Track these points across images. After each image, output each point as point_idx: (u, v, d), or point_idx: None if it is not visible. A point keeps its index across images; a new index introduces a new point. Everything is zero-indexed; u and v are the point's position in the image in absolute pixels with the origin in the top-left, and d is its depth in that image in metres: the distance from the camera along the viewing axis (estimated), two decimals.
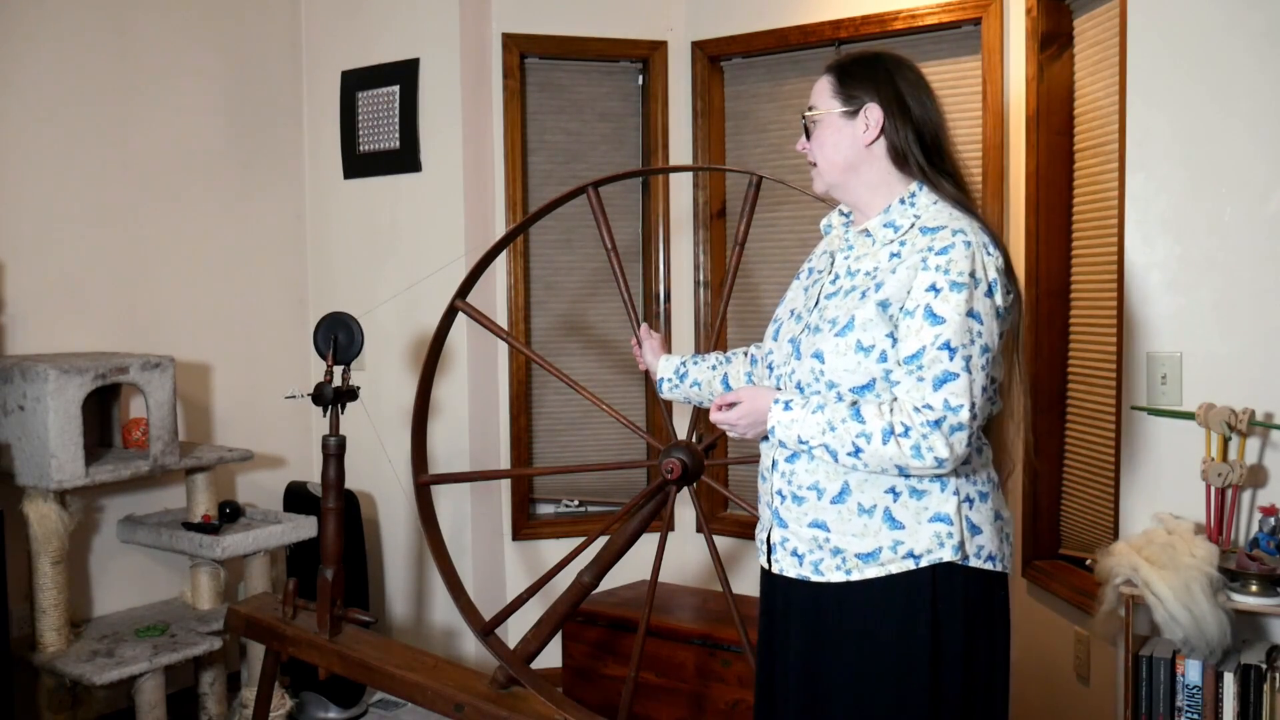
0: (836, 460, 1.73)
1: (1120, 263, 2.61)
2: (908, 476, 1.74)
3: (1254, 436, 2.42)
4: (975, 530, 1.78)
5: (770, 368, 1.92)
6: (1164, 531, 2.41)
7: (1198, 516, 2.45)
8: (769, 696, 1.94)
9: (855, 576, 1.76)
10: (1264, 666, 2.27)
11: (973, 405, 1.68)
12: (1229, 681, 2.28)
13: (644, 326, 2.37)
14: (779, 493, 1.85)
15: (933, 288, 1.70)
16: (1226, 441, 2.38)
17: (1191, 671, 2.31)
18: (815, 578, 1.80)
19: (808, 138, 1.91)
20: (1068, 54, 3.01)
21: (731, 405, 1.84)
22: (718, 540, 3.35)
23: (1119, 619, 2.39)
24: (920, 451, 1.67)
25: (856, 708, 1.77)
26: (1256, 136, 2.41)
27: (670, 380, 2.25)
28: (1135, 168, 2.56)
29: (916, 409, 1.68)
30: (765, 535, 1.90)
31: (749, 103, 3.82)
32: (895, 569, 1.75)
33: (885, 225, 1.82)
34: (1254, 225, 2.42)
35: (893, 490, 1.76)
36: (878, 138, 1.83)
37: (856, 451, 1.70)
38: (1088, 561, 2.73)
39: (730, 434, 1.87)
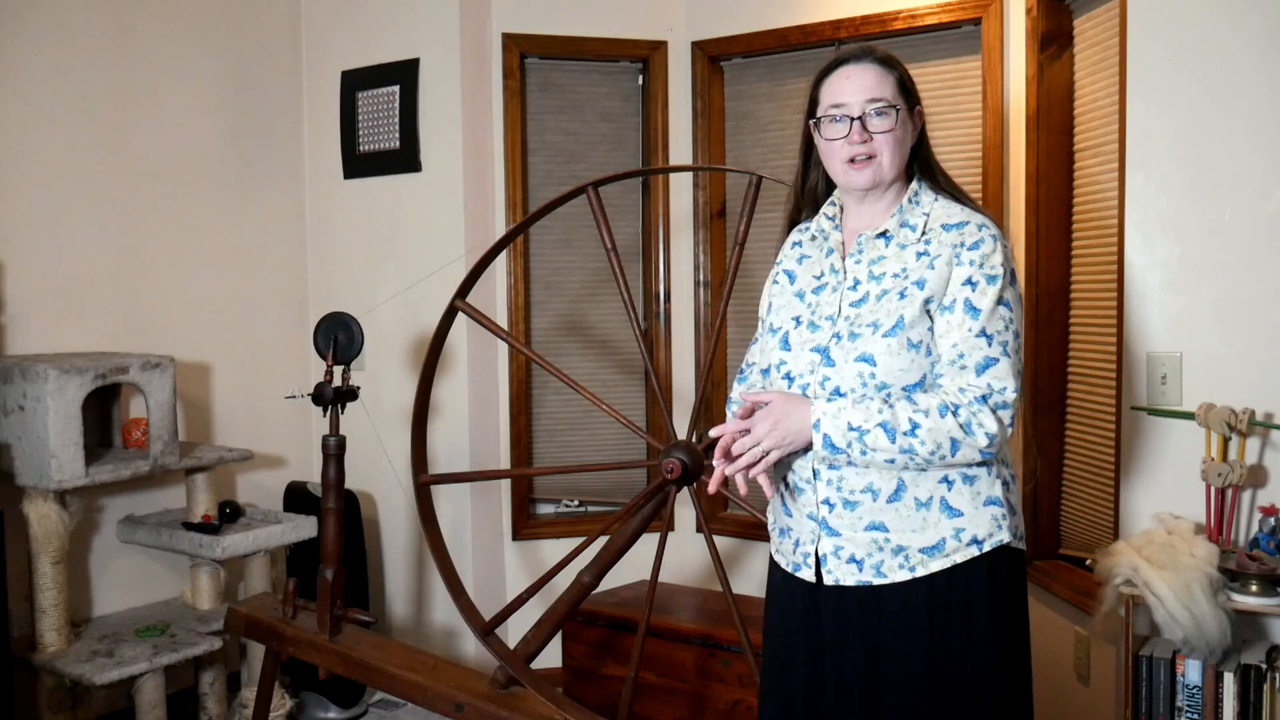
0: (893, 440, 1.69)
1: (1120, 263, 2.61)
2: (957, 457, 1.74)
3: (1254, 436, 2.42)
4: (1013, 512, 1.83)
5: (789, 378, 1.84)
6: (1164, 531, 2.41)
7: (1198, 516, 2.45)
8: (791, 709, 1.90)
9: (920, 572, 1.77)
10: (1264, 666, 2.27)
11: (1016, 386, 1.74)
12: (1229, 681, 2.28)
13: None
14: (825, 502, 1.80)
15: (969, 282, 1.75)
16: (1226, 441, 2.38)
17: (1191, 671, 2.31)
18: (877, 581, 1.78)
19: (864, 127, 1.80)
20: (1068, 54, 3.01)
21: (758, 417, 1.74)
22: (718, 540, 3.35)
23: (1119, 619, 2.39)
24: (970, 427, 1.70)
25: (925, 700, 1.77)
26: (1256, 136, 2.41)
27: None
28: (1135, 168, 2.56)
29: (961, 389, 1.72)
30: (812, 549, 1.83)
31: (749, 103, 3.82)
32: (960, 558, 1.76)
33: (903, 226, 1.83)
34: (1254, 225, 2.42)
35: (946, 480, 1.77)
36: (915, 140, 1.87)
37: (914, 428, 1.69)
38: (1088, 561, 2.73)
39: (757, 453, 1.75)
